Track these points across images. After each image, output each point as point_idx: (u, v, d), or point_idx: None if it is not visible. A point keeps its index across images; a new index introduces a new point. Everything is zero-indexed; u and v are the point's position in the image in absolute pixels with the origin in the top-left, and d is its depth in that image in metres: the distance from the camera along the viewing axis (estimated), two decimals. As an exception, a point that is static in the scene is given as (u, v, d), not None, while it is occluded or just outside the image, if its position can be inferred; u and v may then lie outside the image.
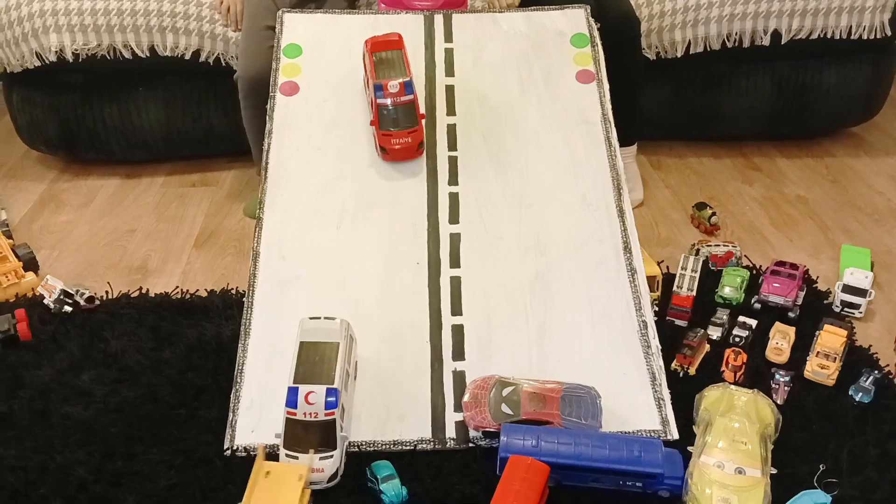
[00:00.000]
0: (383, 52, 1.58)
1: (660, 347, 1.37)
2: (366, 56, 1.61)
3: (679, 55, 2.14)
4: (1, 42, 2.02)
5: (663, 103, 2.24)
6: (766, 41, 2.12)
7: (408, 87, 1.52)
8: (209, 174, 2.19)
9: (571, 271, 1.45)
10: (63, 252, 1.86)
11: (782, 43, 2.13)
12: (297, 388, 1.18)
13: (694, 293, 1.55)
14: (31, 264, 1.73)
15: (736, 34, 2.12)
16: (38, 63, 2.02)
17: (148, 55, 2.04)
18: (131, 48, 2.02)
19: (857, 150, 2.33)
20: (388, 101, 1.52)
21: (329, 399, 1.17)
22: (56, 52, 2.00)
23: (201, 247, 1.87)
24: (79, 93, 2.11)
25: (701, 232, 1.92)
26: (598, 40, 1.77)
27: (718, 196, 2.07)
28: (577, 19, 1.81)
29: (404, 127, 1.54)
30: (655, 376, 1.32)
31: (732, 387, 1.32)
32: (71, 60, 2.02)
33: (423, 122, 1.58)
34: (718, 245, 1.74)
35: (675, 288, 1.56)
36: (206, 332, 1.50)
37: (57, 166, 2.25)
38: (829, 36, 2.13)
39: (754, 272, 1.69)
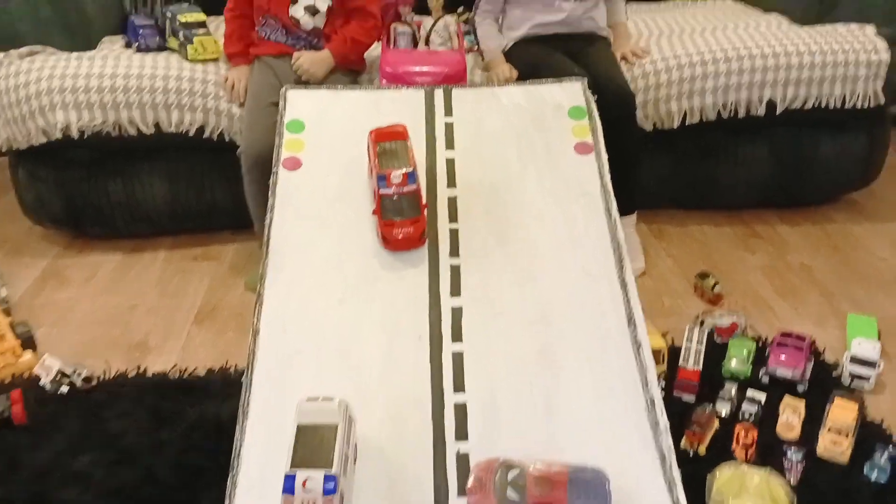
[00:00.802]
0: (387, 143, 1.59)
1: (668, 425, 1.34)
2: (370, 146, 1.63)
3: (675, 126, 2.16)
4: (8, 119, 2.05)
5: (663, 173, 2.26)
6: (762, 111, 2.15)
7: (411, 177, 1.53)
8: (212, 248, 2.19)
9: (577, 345, 1.43)
10: (63, 329, 1.85)
11: (777, 113, 2.15)
12: (294, 474, 1.15)
13: (700, 367, 1.53)
14: (29, 342, 1.72)
15: (731, 104, 2.15)
16: (44, 140, 2.05)
17: (153, 131, 2.06)
18: (136, 125, 2.05)
19: (858, 216, 2.33)
20: (391, 191, 1.52)
21: (327, 486, 1.14)
22: (62, 129, 2.03)
23: (202, 322, 1.86)
24: (84, 169, 2.14)
25: (704, 301, 1.90)
26: (595, 112, 1.79)
27: (721, 265, 2.06)
28: (575, 92, 1.83)
29: (407, 216, 1.54)
30: (665, 456, 1.28)
31: (745, 466, 1.28)
32: (76, 137, 2.05)
33: (426, 211, 1.57)
34: (723, 316, 1.73)
35: (681, 362, 1.54)
36: (206, 410, 1.48)
37: (61, 242, 2.26)
38: (823, 105, 2.16)
39: (760, 343, 1.67)
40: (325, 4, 2.07)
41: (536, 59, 2.08)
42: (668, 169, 2.26)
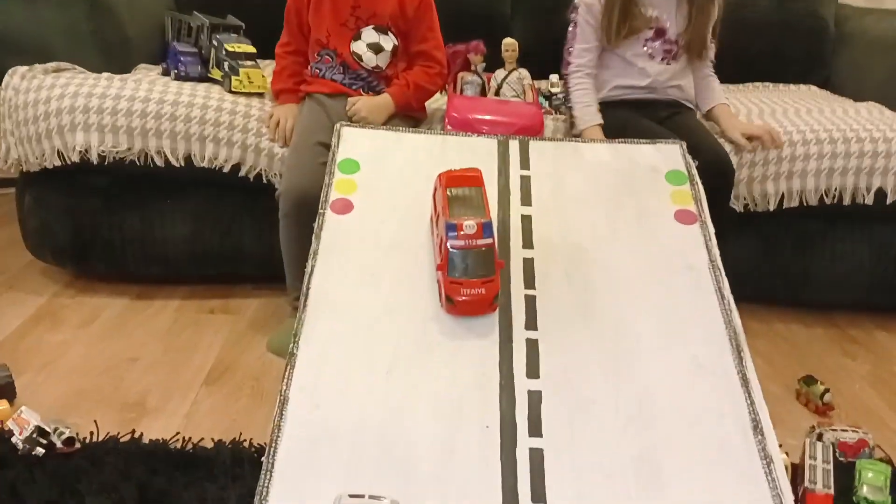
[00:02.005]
0: (460, 189, 1.33)
1: (812, 569, 1.02)
2: (438, 190, 1.37)
3: (772, 209, 1.91)
4: (22, 138, 1.82)
5: (748, 262, 1.99)
6: (870, 199, 1.90)
7: (486, 229, 1.25)
8: (232, 301, 1.92)
9: (686, 454, 1.13)
10: (49, 378, 1.56)
11: (887, 203, 1.90)
12: None
13: (832, 491, 1.22)
14: (6, 390, 1.43)
15: (836, 189, 1.90)
16: (58, 163, 1.81)
17: (182, 164, 1.83)
18: (165, 155, 1.82)
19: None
20: (462, 244, 1.25)
21: None
22: (80, 151, 1.79)
23: (213, 384, 1.57)
24: (98, 198, 1.90)
25: (810, 412, 1.60)
26: (697, 178, 1.55)
27: (819, 371, 1.76)
28: (673, 155, 1.60)
29: (478, 276, 1.26)
30: None
31: None
32: (95, 163, 1.80)
33: (501, 272, 1.31)
34: (846, 430, 1.42)
35: (807, 483, 1.23)
36: (206, 494, 1.17)
37: (62, 280, 2.00)
38: (937, 198, 1.91)
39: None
40: (391, 43, 1.88)
41: (622, 122, 1.86)
42: (755, 258, 2.00)
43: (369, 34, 1.87)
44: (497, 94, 1.96)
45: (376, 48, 1.87)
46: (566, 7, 2.01)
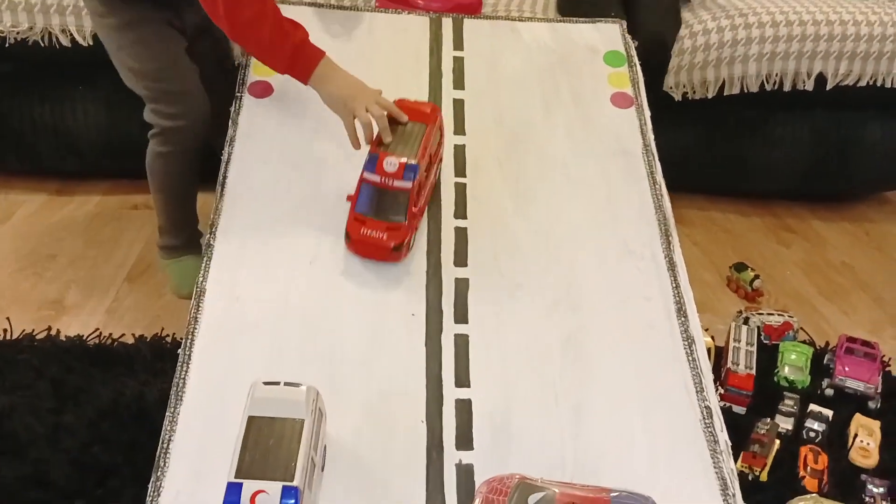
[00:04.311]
0: (406, 124, 1.20)
1: (729, 443, 1.04)
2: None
3: (710, 96, 1.87)
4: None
5: (686, 150, 1.96)
6: (811, 85, 1.87)
7: (409, 171, 1.13)
8: (155, 195, 1.83)
9: (613, 335, 1.13)
10: (-40, 276, 1.49)
11: (828, 88, 1.88)
12: (241, 483, 0.82)
13: (754, 371, 1.24)
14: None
15: (777, 75, 1.86)
16: (-45, 47, 1.67)
17: (91, 44, 1.69)
18: (70, 34, 1.68)
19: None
20: (377, 179, 1.14)
21: (286, 502, 0.82)
22: (-22, 35, 1.65)
23: (135, 280, 1.51)
24: (7, 89, 1.76)
25: (740, 297, 1.62)
26: (636, 60, 1.50)
27: (754, 258, 1.78)
28: (612, 34, 1.53)
29: (384, 218, 1.15)
30: (727, 483, 0.99)
31: (825, 501, 0.99)
32: (-3, 45, 1.67)
33: (416, 222, 1.19)
34: (772, 314, 1.44)
35: (730, 365, 1.25)
36: (125, 390, 1.14)
37: (-27, 175, 1.88)
38: (878, 84, 1.89)
39: (817, 350, 1.39)
40: None
41: None
42: (694, 146, 1.97)
43: None
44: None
45: None
46: None
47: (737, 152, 1.97)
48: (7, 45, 1.67)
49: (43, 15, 1.65)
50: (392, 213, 1.15)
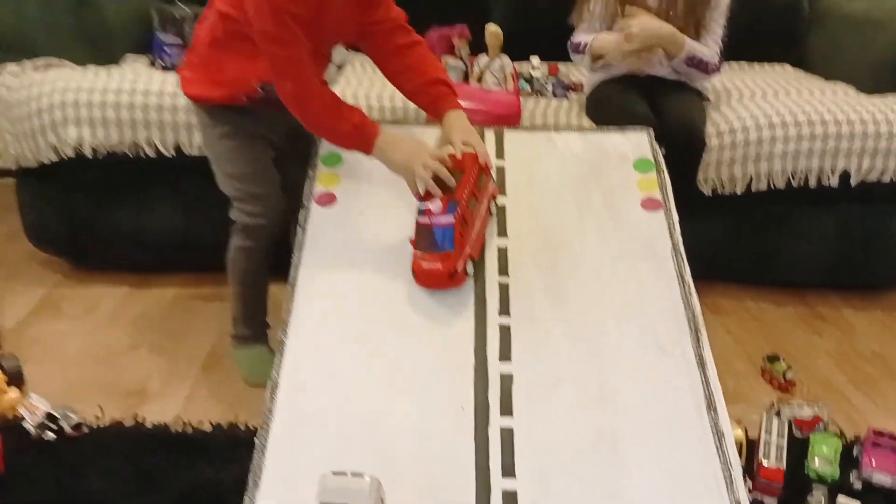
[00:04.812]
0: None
1: (757, 534, 1.12)
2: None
3: (739, 192, 1.99)
4: (18, 135, 1.89)
5: (715, 242, 2.07)
6: (835, 182, 1.98)
7: (451, 207, 1.35)
8: (224, 288, 1.98)
9: (645, 429, 1.22)
10: (54, 366, 1.65)
11: (852, 185, 1.98)
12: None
13: (784, 465, 1.32)
14: (16, 378, 1.52)
15: (802, 172, 1.98)
16: (54, 158, 1.88)
17: (173, 154, 1.89)
18: (155, 146, 1.89)
19: (931, 305, 2.14)
20: (426, 220, 1.35)
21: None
22: (74, 146, 1.87)
23: (208, 370, 1.66)
24: (93, 192, 1.97)
25: (774, 388, 1.70)
26: (663, 166, 1.62)
27: (786, 347, 1.86)
28: (640, 142, 1.67)
29: (438, 250, 1.35)
30: (756, 572, 1.07)
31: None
32: (90, 157, 1.88)
33: (468, 250, 1.38)
34: (802, 406, 1.52)
35: (761, 457, 1.33)
36: (203, 476, 1.26)
37: (61, 269, 2.08)
38: (901, 180, 1.99)
39: (847, 442, 1.46)
40: (341, 57, 1.57)
41: (608, 94, 1.98)
42: (725, 239, 2.08)
43: (339, 53, 1.56)
44: (479, 80, 2.01)
45: (341, 64, 1.60)
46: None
47: (765, 245, 2.08)
48: (98, 156, 1.88)
49: (131, 130, 1.87)
50: (443, 246, 1.35)
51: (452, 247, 1.35)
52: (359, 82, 2.07)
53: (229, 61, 1.49)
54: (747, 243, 2.09)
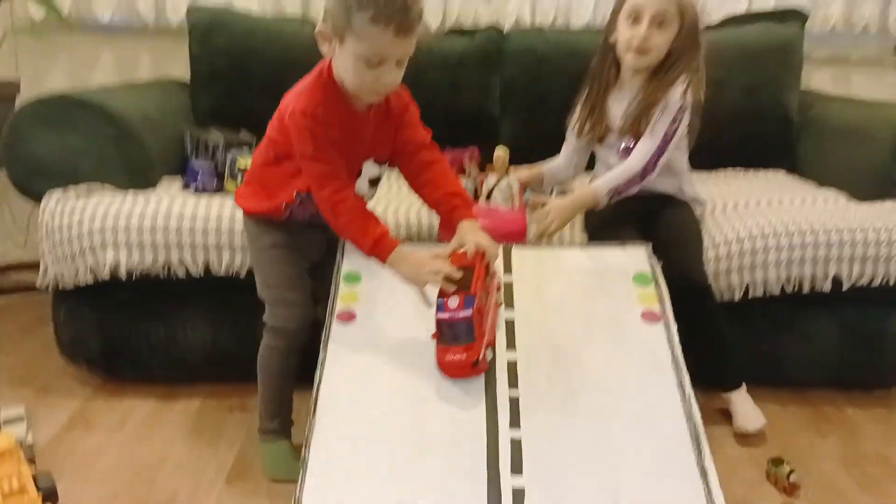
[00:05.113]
0: (457, 269, 1.56)
1: None
2: None
3: (737, 299, 2.08)
4: (57, 257, 2.03)
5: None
6: (828, 286, 2.07)
7: (467, 302, 1.49)
8: (248, 399, 2.08)
9: (652, 540, 1.28)
10: (86, 482, 1.72)
11: (843, 289, 2.07)
12: None
13: (789, 570, 1.36)
14: (51, 496, 1.58)
15: (795, 279, 2.07)
16: (91, 280, 2.01)
17: (202, 273, 2.02)
18: (186, 266, 2.02)
19: (935, 402, 2.20)
20: (446, 315, 1.49)
21: None
22: (110, 268, 2.00)
23: (234, 482, 1.73)
24: (127, 310, 2.09)
25: (779, 491, 1.74)
26: (661, 279, 1.73)
27: (792, 450, 1.91)
28: (639, 257, 1.78)
29: (459, 342, 1.50)
30: None
31: None
32: (124, 278, 2.01)
33: (487, 339, 1.53)
34: (807, 509, 1.57)
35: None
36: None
37: (92, 383, 2.18)
38: (891, 283, 2.08)
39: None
40: (384, 168, 1.78)
41: (604, 221, 2.07)
42: (729, 342, 2.15)
43: (369, 168, 1.74)
44: (488, 198, 2.16)
45: (376, 181, 1.79)
46: (549, 105, 2.22)
47: (768, 348, 2.15)
48: (133, 277, 2.01)
49: (165, 251, 2.00)
50: (464, 338, 1.49)
51: (473, 338, 1.49)
52: (388, 201, 2.22)
53: (275, 176, 1.72)
54: (750, 347, 2.16)
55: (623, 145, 2.08)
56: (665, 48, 2.00)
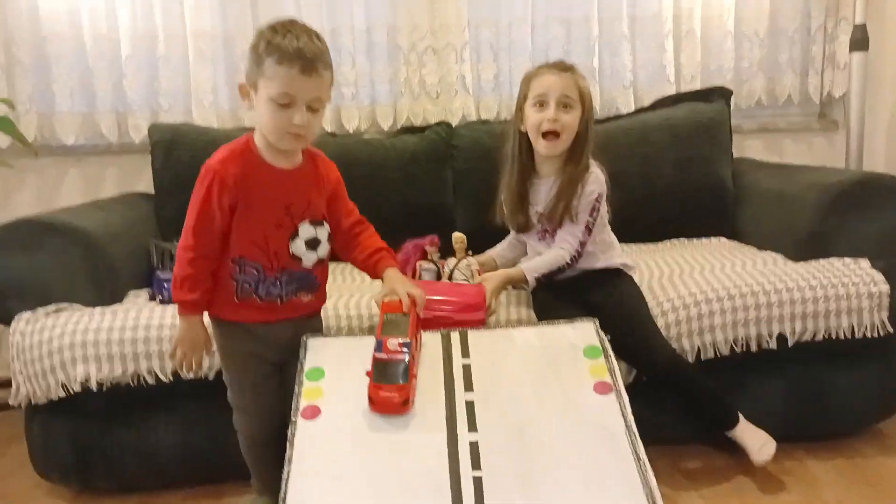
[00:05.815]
0: (392, 315, 1.75)
1: None
2: (379, 316, 1.78)
3: (690, 361, 2.18)
4: (29, 376, 2.07)
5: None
6: (773, 344, 2.18)
7: (406, 347, 1.67)
8: (223, 500, 2.11)
9: None
10: None
11: (789, 346, 2.18)
12: None
13: None
14: None
15: (742, 339, 2.18)
16: (62, 394, 2.06)
17: (171, 380, 2.08)
18: (155, 374, 2.07)
19: (888, 448, 2.27)
20: (385, 356, 1.66)
21: None
22: (81, 382, 2.05)
23: (210, 586, 1.74)
24: (98, 420, 2.13)
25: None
26: (610, 351, 1.81)
27: (755, 505, 1.97)
28: (587, 331, 1.87)
29: (394, 382, 1.64)
30: None
31: None
32: (95, 390, 2.06)
33: (415, 382, 1.68)
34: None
35: None
36: None
37: (66, 495, 2.19)
38: (834, 336, 2.19)
39: None
40: (325, 232, 1.84)
41: (549, 307, 2.17)
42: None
43: (306, 229, 1.79)
44: (450, 278, 2.27)
45: (313, 243, 1.81)
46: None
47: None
48: (104, 388, 2.06)
49: (134, 362, 2.06)
50: (399, 378, 1.64)
51: (406, 380, 1.64)
52: (339, 294, 2.29)
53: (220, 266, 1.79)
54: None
55: (541, 226, 2.26)
56: (574, 129, 2.17)
